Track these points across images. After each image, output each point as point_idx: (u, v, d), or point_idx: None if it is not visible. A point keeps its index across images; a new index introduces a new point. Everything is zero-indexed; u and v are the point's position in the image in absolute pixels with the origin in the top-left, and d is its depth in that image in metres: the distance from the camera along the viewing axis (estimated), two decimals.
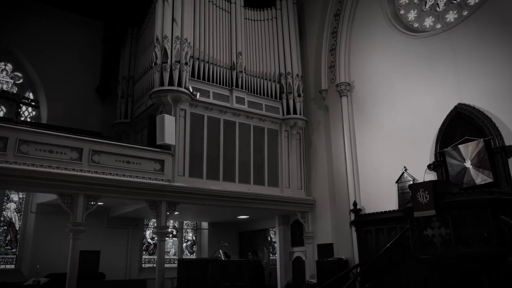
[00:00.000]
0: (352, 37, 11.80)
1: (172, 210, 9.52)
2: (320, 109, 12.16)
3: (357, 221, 10.32)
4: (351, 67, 11.64)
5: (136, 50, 12.92)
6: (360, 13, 11.71)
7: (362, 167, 10.76)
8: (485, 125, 8.19)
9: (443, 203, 7.02)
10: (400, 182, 9.73)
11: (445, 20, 9.90)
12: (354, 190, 10.65)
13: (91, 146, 8.66)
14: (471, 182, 8.16)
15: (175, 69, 9.90)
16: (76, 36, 12.98)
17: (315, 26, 12.70)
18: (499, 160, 7.89)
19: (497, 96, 8.29)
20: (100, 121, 12.82)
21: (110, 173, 8.78)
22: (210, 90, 10.83)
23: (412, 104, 9.87)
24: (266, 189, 11.23)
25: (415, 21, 10.60)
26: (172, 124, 9.62)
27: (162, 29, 10.15)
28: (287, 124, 11.93)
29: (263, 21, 12.56)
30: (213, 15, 11.48)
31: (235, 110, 11.13)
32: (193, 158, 10.15)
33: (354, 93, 11.42)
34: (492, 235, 6.51)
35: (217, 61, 11.19)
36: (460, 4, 9.67)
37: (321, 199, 11.64)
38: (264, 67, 12.13)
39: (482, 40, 8.74)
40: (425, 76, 9.68)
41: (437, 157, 8.91)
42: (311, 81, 12.61)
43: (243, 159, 11.07)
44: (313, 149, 12.25)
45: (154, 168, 9.44)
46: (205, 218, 13.81)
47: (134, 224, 12.30)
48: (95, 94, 13.14)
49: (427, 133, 9.26)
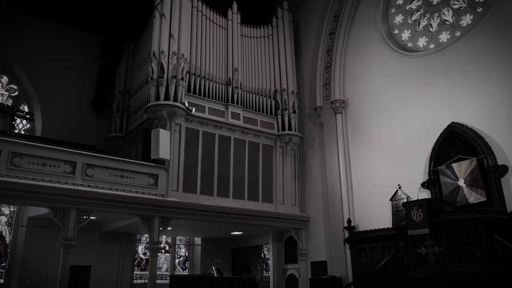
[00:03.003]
0: (347, 55, 11.96)
1: (165, 225, 9.45)
2: (315, 125, 12.22)
3: (351, 239, 10.27)
4: (346, 84, 11.76)
5: (132, 65, 12.99)
6: (355, 32, 11.89)
7: (356, 184, 10.77)
8: (478, 144, 8.26)
9: (437, 222, 7.03)
10: (394, 199, 9.73)
11: (438, 40, 10.07)
12: (348, 207, 10.64)
13: (84, 159, 8.62)
14: (465, 200, 8.18)
15: (171, 84, 9.95)
16: (73, 50, 13.04)
17: (310, 44, 12.87)
18: (492, 179, 7.94)
19: (490, 115, 8.39)
20: (95, 135, 12.78)
21: (103, 187, 8.71)
22: (206, 105, 10.88)
23: (406, 122, 9.95)
24: (260, 205, 11.19)
25: (409, 41, 10.77)
26: (167, 139, 9.61)
27: (159, 44, 10.24)
28: (282, 140, 11.96)
29: (259, 38, 12.71)
30: (210, 32, 11.61)
31: (230, 126, 11.16)
32: (187, 173, 10.12)
33: (348, 110, 11.50)
34: (486, 255, 6.50)
35: (213, 76, 11.27)
36: (453, 25, 9.86)
37: (315, 215, 11.60)
38: (259, 83, 12.22)
39: (475, 60, 8.88)
40: (419, 94, 9.79)
41: (431, 175, 8.95)
42: (306, 98, 12.71)
43: (238, 175, 11.05)
44: (308, 165, 12.26)
45: (148, 183, 9.39)
46: (198, 233, 13.69)
47: (126, 239, 12.15)
48: (91, 108, 13.13)
49: (421, 151, 9.31)
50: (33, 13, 12.42)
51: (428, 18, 10.44)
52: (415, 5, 10.83)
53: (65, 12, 12.65)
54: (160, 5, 10.44)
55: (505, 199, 7.75)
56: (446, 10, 10.09)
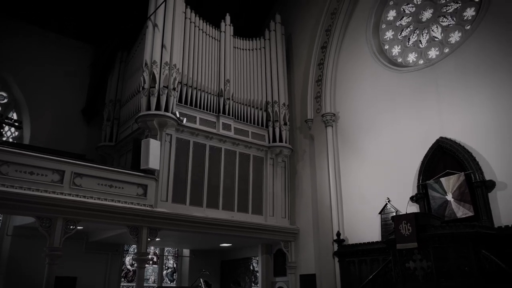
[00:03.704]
0: (338, 69, 12.09)
1: (154, 236, 9.35)
2: (306, 138, 12.28)
3: (340, 252, 10.26)
4: (336, 98, 11.86)
5: (124, 74, 12.97)
6: (346, 46, 12.04)
7: (346, 197, 10.80)
8: (465, 159, 8.36)
9: (425, 236, 7.08)
10: (383, 213, 9.77)
11: (428, 56, 10.24)
12: (338, 220, 10.64)
13: (73, 168, 8.52)
14: (453, 215, 8.24)
15: (162, 94, 9.94)
16: (65, 58, 12.99)
17: (302, 57, 13.00)
18: (480, 194, 8.02)
19: (477, 131, 8.51)
20: (84, 144, 12.66)
21: (91, 196, 8.62)
22: (197, 115, 10.88)
23: (396, 136, 10.04)
24: (250, 216, 11.16)
25: (399, 56, 10.93)
26: (157, 149, 9.57)
27: (152, 54, 10.25)
28: (272, 152, 11.98)
29: (252, 50, 12.81)
30: (203, 43, 11.67)
31: (221, 137, 11.16)
32: (177, 184, 10.07)
33: (339, 123, 11.59)
34: (473, 270, 6.55)
35: (205, 87, 11.30)
36: (442, 41, 10.04)
37: (305, 228, 11.59)
38: (251, 95, 12.28)
39: (463, 76, 9.04)
40: (409, 109, 9.91)
41: (420, 189, 9.01)
42: (297, 110, 12.78)
43: (228, 186, 11.02)
44: (298, 177, 12.28)
45: (137, 193, 9.32)
46: (187, 245, 13.57)
47: (113, 250, 11.98)
48: (81, 116, 13.04)
49: (410, 165, 9.39)
50: (26, 20, 12.37)
51: (418, 35, 10.63)
52: (405, 21, 11.03)
53: (58, 20, 12.63)
54: (153, 15, 10.47)
55: (492, 214, 7.82)
56: (435, 27, 10.28)
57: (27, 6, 12.03)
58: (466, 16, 9.68)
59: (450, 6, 10.08)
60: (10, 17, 12.09)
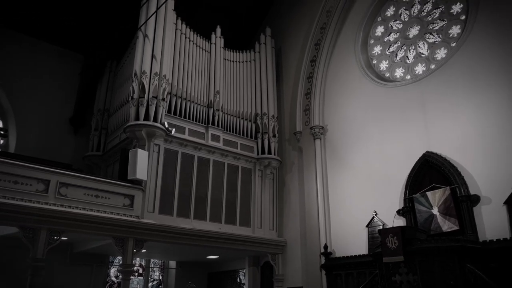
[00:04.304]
0: (327, 83, 12.22)
1: (140, 248, 9.24)
2: (294, 150, 12.33)
3: (327, 265, 10.25)
4: (325, 111, 11.97)
5: (113, 84, 12.93)
6: (335, 60, 12.20)
7: (334, 210, 10.83)
8: (451, 173, 8.46)
9: (411, 249, 7.12)
10: (370, 226, 9.81)
11: (414, 72, 10.42)
12: (325, 233, 10.65)
13: (59, 178, 8.41)
14: (438, 229, 8.31)
15: (151, 105, 9.92)
16: (53, 67, 12.92)
17: (292, 70, 13.13)
18: (465, 208, 8.11)
19: (462, 146, 8.64)
20: (71, 153, 12.54)
21: (77, 207, 8.50)
22: (186, 126, 10.87)
23: (383, 149, 10.14)
24: (238, 228, 11.10)
25: (387, 71, 11.11)
26: (145, 159, 9.52)
27: (141, 64, 10.25)
28: (261, 163, 12.00)
29: (242, 63, 12.90)
30: (193, 54, 11.72)
31: (210, 148, 11.15)
32: (164, 195, 10.00)
33: (327, 136, 11.68)
34: (459, 283, 6.59)
35: (194, 98, 11.31)
36: (428, 58, 10.24)
37: (292, 240, 11.56)
38: (240, 107, 12.32)
39: (448, 92, 9.20)
40: (396, 123, 10.04)
41: (406, 203, 9.08)
42: (286, 122, 12.86)
43: (216, 197, 10.98)
44: (286, 189, 12.29)
45: (124, 204, 9.22)
46: (173, 256, 13.41)
47: (98, 261, 11.78)
48: (68, 125, 12.93)
49: (397, 178, 9.48)
50: (14, 28, 12.30)
51: (405, 50, 10.82)
52: (392, 37, 11.23)
53: (47, 28, 12.58)
54: (144, 26, 10.50)
55: (477, 228, 7.90)
56: (421, 44, 10.49)
57: (15, 13, 11.97)
58: (451, 33, 9.91)
59: (436, 24, 10.30)
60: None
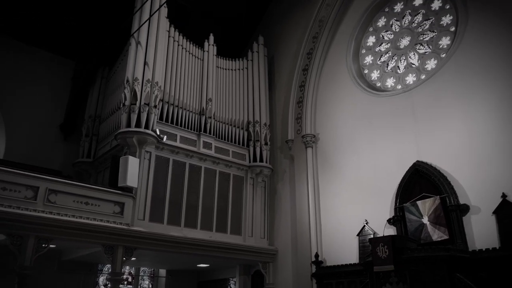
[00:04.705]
0: (319, 92, 12.30)
1: (129, 256, 9.15)
2: (286, 158, 12.35)
3: (318, 274, 10.22)
4: (317, 119, 12.03)
5: (105, 90, 12.87)
6: (327, 69, 12.30)
7: (325, 219, 10.83)
8: (441, 183, 8.53)
9: (402, 259, 7.14)
10: (361, 235, 9.82)
11: (405, 82, 10.53)
12: (317, 241, 10.64)
13: (48, 185, 8.33)
14: (428, 238, 8.35)
15: (143, 111, 9.89)
16: (44, 72, 12.85)
17: (284, 79, 13.19)
18: (454, 218, 8.15)
19: (452, 155, 8.72)
20: (61, 160, 12.44)
21: (66, 214, 8.41)
22: (178, 133, 10.84)
23: (374, 158, 10.20)
24: (228, 237, 11.05)
25: (378, 81, 11.21)
26: (135, 166, 9.46)
27: (134, 71, 10.23)
28: (253, 171, 11.99)
29: (234, 71, 12.94)
30: (186, 61, 11.73)
31: (202, 155, 11.12)
32: (155, 202, 9.93)
33: (319, 144, 11.72)
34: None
35: (186, 105, 11.30)
36: (419, 68, 10.37)
37: (284, 249, 11.53)
38: (233, 114, 12.33)
39: (438, 102, 9.30)
40: (387, 132, 10.11)
41: (397, 212, 9.12)
42: (278, 130, 12.89)
43: (207, 205, 10.93)
44: (278, 198, 12.28)
45: (114, 211, 9.14)
46: (163, 265, 13.30)
47: (87, 269, 11.65)
48: (58, 132, 12.84)
49: (388, 187, 9.52)
50: (5, 33, 12.23)
51: (396, 61, 10.95)
52: (384, 47, 11.36)
53: (37, 33, 12.52)
54: (137, 33, 10.49)
55: (467, 237, 7.94)
56: (412, 54, 10.62)
57: (6, 19, 11.91)
58: (441, 44, 10.05)
59: (426, 35, 10.45)
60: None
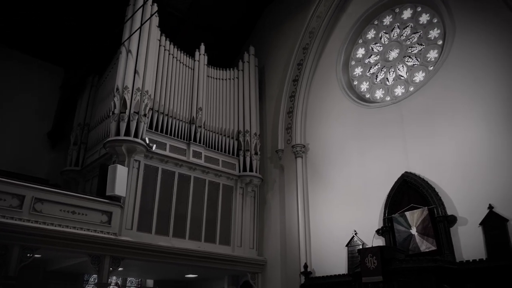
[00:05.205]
0: (309, 102, 12.37)
1: (116, 266, 9.02)
2: (276, 168, 12.36)
3: (306, 284, 10.18)
4: (307, 130, 12.09)
5: (95, 98, 12.79)
6: (317, 80, 12.39)
7: (314, 229, 10.83)
8: (429, 194, 8.60)
9: (390, 269, 7.16)
10: (350, 245, 9.82)
11: (394, 93, 10.66)
12: (306, 252, 10.62)
13: (34, 193, 8.20)
14: (416, 249, 8.38)
15: (132, 120, 9.84)
16: (33, 79, 12.75)
17: (274, 89, 13.26)
18: (442, 229, 8.22)
19: (440, 167, 8.81)
20: (48, 168, 12.30)
21: (52, 223, 8.28)
22: (167, 142, 10.79)
23: (363, 169, 10.25)
24: (217, 247, 10.97)
25: (367, 92, 11.33)
26: (124, 175, 9.38)
27: (124, 79, 10.19)
28: (242, 181, 11.96)
29: (225, 80, 12.96)
30: (176, 71, 11.73)
31: (191, 164, 11.07)
32: (143, 212, 9.84)
33: (309, 154, 11.76)
34: None
35: (176, 114, 11.27)
36: (407, 80, 10.51)
37: (272, 259, 11.48)
38: (223, 124, 12.33)
39: (426, 114, 9.42)
40: (376, 143, 10.19)
41: (386, 223, 9.15)
42: (269, 140, 12.91)
43: (196, 215, 10.85)
44: (267, 207, 12.26)
45: (101, 220, 9.03)
46: (151, 275, 13.11)
47: (73, 280, 11.44)
48: (46, 139, 12.70)
49: (377, 198, 9.57)
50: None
51: (385, 72, 11.09)
52: (373, 59, 11.51)
53: (26, 40, 12.45)
54: (128, 41, 10.48)
55: (454, 248, 8.00)
56: (401, 66, 10.77)
57: None
58: (429, 57, 10.22)
59: (415, 48, 10.62)
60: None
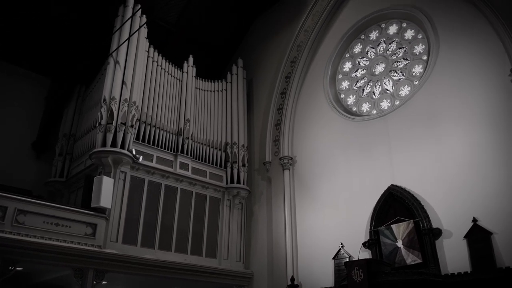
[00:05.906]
0: (296, 115, 12.46)
1: (100, 279, 8.86)
2: (263, 180, 12.35)
3: None
4: (294, 142, 12.14)
5: (81, 109, 12.69)
6: (305, 93, 12.50)
7: (301, 242, 10.81)
8: (414, 207, 8.68)
9: (376, 282, 7.17)
10: (337, 258, 9.81)
11: (380, 107, 10.81)
12: (292, 265, 10.57)
13: (17, 205, 8.05)
14: (402, 261, 8.42)
15: (119, 131, 9.77)
16: (18, 89, 12.61)
17: (262, 101, 13.33)
18: (427, 242, 8.28)
19: (425, 180, 8.92)
20: (32, 179, 12.10)
21: (34, 235, 8.12)
22: (154, 154, 10.73)
23: (350, 181, 10.31)
24: (204, 260, 10.86)
25: (354, 105, 11.46)
26: (110, 187, 9.27)
27: (111, 90, 10.14)
28: (230, 193, 11.92)
29: (213, 92, 12.99)
30: (165, 82, 11.72)
31: (178, 176, 11.00)
32: (129, 224, 9.72)
33: (296, 167, 11.79)
34: None
35: (164, 125, 11.23)
36: (393, 94, 10.67)
37: (259, 272, 11.40)
38: (211, 135, 12.31)
39: (412, 128, 9.56)
40: (363, 155, 10.28)
41: (372, 235, 9.19)
42: (256, 152, 12.93)
43: (182, 227, 10.75)
44: (254, 220, 12.21)
45: (85, 232, 8.89)
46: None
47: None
48: (31, 150, 12.52)
49: (364, 210, 9.61)
50: None
51: (371, 86, 11.24)
52: (360, 73, 11.67)
53: (11, 48, 12.32)
54: (116, 52, 10.46)
55: (439, 261, 8.06)
56: (387, 80, 10.94)
57: None
58: (414, 72, 10.41)
59: (400, 62, 10.81)
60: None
